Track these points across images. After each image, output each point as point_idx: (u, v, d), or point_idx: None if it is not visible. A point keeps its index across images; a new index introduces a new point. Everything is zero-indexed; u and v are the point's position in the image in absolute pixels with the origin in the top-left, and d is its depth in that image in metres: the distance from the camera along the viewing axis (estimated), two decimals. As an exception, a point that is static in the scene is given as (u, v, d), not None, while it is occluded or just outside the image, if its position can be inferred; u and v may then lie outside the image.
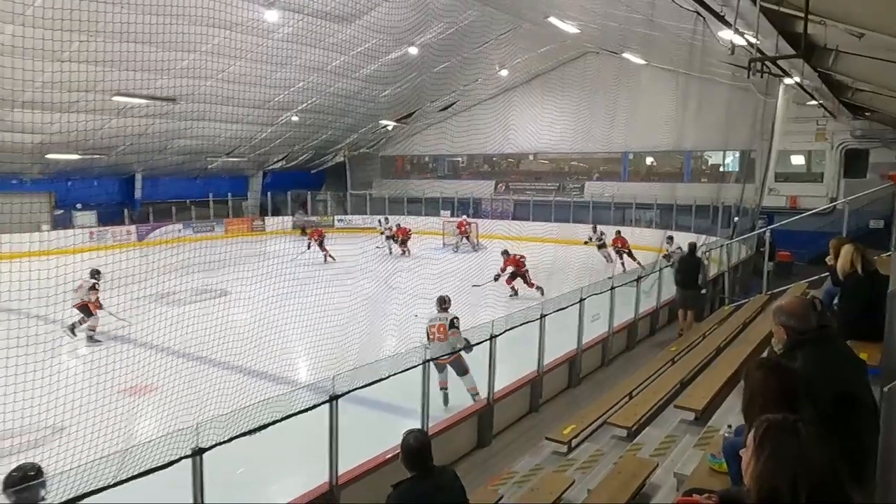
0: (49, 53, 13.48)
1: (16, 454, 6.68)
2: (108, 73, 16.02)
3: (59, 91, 17.07)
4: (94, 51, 14.95)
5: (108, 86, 17.21)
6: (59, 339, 11.77)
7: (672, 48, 16.09)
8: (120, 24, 13.36)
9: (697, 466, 4.13)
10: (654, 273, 12.22)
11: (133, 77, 16.92)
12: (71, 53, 15.23)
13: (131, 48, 15.02)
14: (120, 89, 17.75)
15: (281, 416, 4.78)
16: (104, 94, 17.83)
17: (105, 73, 15.97)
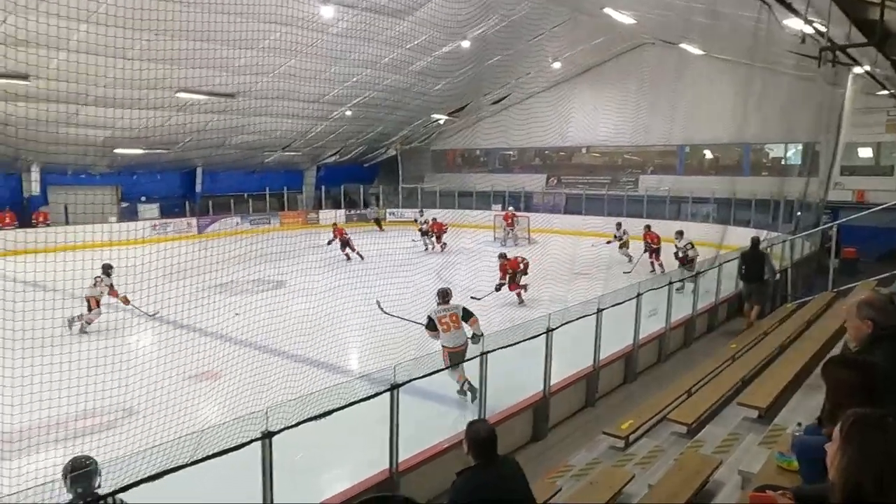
0: (118, 51, 14.08)
1: (91, 434, 7.05)
2: (172, 70, 16.60)
3: (126, 88, 17.81)
4: (159, 49, 15.53)
5: (172, 83, 17.82)
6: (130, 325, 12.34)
7: (734, 38, 15.63)
8: (183, 22, 13.78)
9: (765, 464, 4.06)
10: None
11: (195, 74, 17.43)
12: (137, 52, 15.82)
13: (193, 46, 15.51)
14: (183, 86, 18.33)
15: (344, 403, 4.89)
16: (167, 90, 18.46)
17: (169, 70, 16.55)
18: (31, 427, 6.70)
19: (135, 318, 12.56)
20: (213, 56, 16.24)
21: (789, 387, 6.19)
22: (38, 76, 15.30)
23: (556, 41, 22.13)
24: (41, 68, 14.80)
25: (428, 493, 5.53)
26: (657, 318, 10.08)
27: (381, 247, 18.93)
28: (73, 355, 7.47)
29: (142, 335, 11.69)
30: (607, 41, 23.98)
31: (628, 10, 17.03)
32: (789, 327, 9.50)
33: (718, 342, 10.69)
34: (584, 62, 26.42)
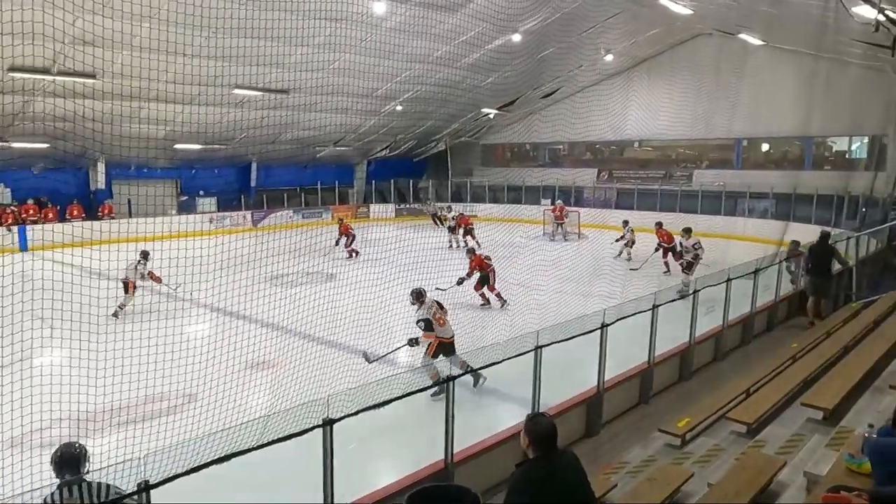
0: (178, 48, 14.52)
1: (155, 418, 7.34)
2: (228, 67, 17.01)
3: (185, 84, 18.37)
4: (215, 46, 15.95)
5: (228, 79, 18.26)
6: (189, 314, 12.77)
7: (798, 27, 15.10)
8: (239, 20, 14.12)
9: (833, 466, 3.94)
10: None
11: (250, 70, 17.86)
12: (196, 49, 16.28)
13: (249, 43, 15.87)
14: (238, 82, 18.79)
15: (401, 393, 4.96)
16: (224, 87, 18.93)
17: (225, 67, 16.97)
18: (98, 411, 7.01)
19: (193, 306, 12.97)
20: (267, 53, 16.62)
21: (856, 388, 5.97)
22: (104, 74, 15.91)
23: (609, 33, 21.76)
24: (107, 66, 15.39)
25: (481, 485, 5.55)
26: (714, 316, 9.85)
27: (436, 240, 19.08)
28: (137, 342, 7.80)
29: (201, 325, 12.06)
30: (662, 32, 23.43)
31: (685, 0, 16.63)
32: (854, 327, 9.15)
33: (778, 341, 10.38)
34: (638, 54, 25.90)
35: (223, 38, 15.82)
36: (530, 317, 9.65)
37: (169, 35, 13.72)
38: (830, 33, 12.33)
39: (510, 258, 16.91)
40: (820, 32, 12.82)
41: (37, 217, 21.15)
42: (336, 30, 17.48)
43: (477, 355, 5.93)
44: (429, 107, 26.13)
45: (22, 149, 19.54)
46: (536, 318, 8.94)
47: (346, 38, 17.97)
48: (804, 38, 15.95)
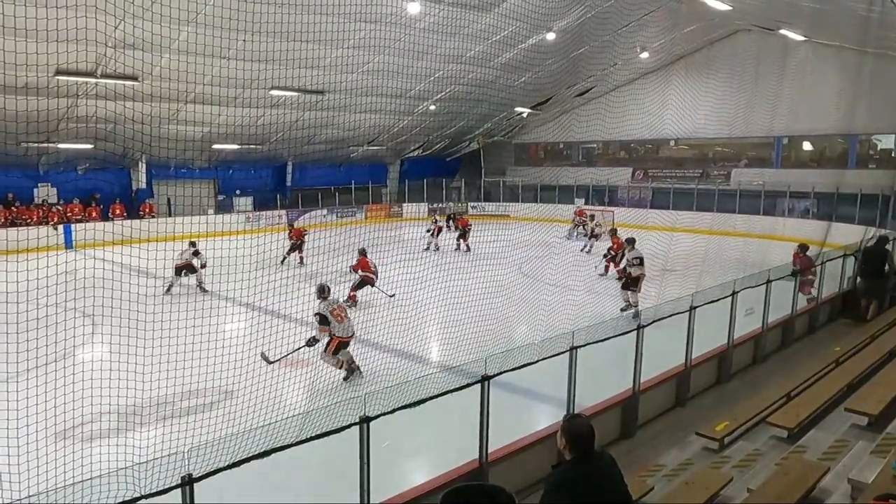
0: (217, 50, 14.82)
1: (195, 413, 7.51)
2: (266, 68, 17.26)
3: (224, 86, 18.72)
4: (253, 49, 16.22)
5: (265, 81, 18.53)
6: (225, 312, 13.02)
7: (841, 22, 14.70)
8: (276, 23, 14.33)
9: (879, 474, 3.84)
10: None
11: (286, 72, 18.09)
12: (233, 51, 16.58)
13: (286, 45, 16.09)
14: (275, 84, 19.06)
15: (436, 392, 4.99)
16: (261, 88, 19.23)
17: (263, 68, 17.23)
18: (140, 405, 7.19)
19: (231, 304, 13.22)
20: (303, 55, 16.83)
21: (903, 394, 5.81)
22: (146, 77, 16.31)
23: (644, 30, 21.48)
24: (148, 69, 15.78)
25: (515, 484, 5.55)
26: (754, 318, 9.66)
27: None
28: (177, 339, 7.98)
29: (237, 323, 12.27)
30: (699, 29, 23.01)
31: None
32: (900, 331, 8.89)
33: (820, 344, 10.14)
34: (674, 51, 25.49)
35: (261, 40, 16.09)
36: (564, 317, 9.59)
37: (208, 38, 14.00)
38: (875, 27, 11.99)
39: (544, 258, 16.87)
40: (864, 27, 12.48)
41: (81, 216, 21.78)
42: (371, 31, 17.62)
43: (512, 355, 5.91)
44: (462, 106, 26.15)
45: (68, 150, 20.15)
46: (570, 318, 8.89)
47: (381, 39, 18.08)
48: (848, 33, 15.53)
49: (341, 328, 8.72)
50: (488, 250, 17.26)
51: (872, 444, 4.79)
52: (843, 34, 16.90)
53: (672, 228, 18.05)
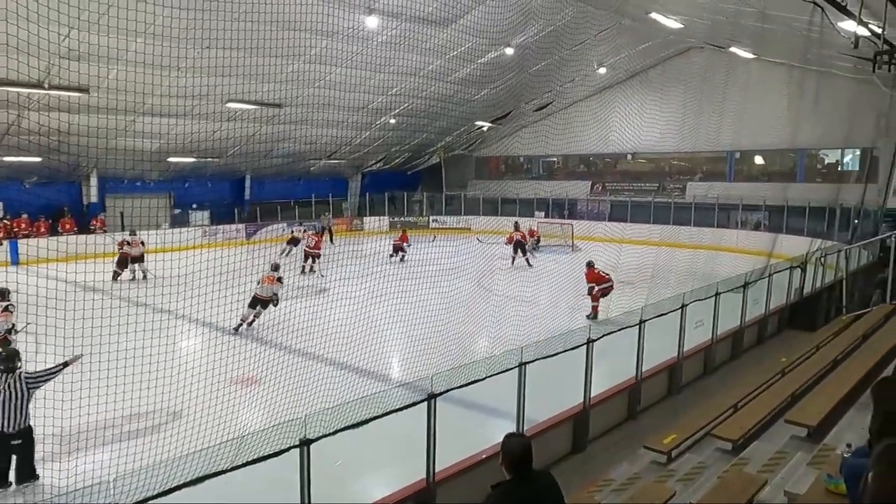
0: (171, 62, 14.57)
1: (139, 437, 7.27)
2: (222, 81, 17.03)
3: (178, 98, 18.40)
4: (208, 62, 15.99)
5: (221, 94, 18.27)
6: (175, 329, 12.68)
7: (786, 41, 15.20)
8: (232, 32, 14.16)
9: (812, 486, 3.90)
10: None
11: (243, 84, 17.88)
12: (188, 63, 16.33)
13: (242, 57, 15.92)
14: (231, 96, 18.82)
15: (382, 412, 4.92)
16: (217, 101, 18.96)
17: (219, 81, 16.99)
18: (82, 429, 6.92)
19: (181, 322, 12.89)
20: (260, 68, 16.67)
21: (841, 404, 5.94)
22: (97, 88, 15.92)
23: (600, 47, 21.87)
24: (99, 81, 15.42)
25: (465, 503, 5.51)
26: (703, 330, 9.83)
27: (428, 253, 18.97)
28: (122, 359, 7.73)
29: (187, 340, 11.99)
30: (653, 46, 23.56)
31: (675, 14, 16.72)
32: (843, 341, 9.13)
33: (768, 355, 10.37)
34: (630, 67, 26.03)
35: (216, 52, 15.88)
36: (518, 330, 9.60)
37: (162, 49, 13.75)
38: (816, 47, 12.42)
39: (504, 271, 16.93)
40: (807, 46, 12.92)
41: (28, 231, 21.08)
42: (328, 44, 17.56)
43: (461, 371, 5.87)
44: (422, 120, 26.22)
45: (14, 162, 19.51)
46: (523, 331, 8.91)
47: (339, 53, 18.04)
48: (792, 51, 16.05)
49: (261, 288, 12.61)
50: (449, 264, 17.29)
51: (809, 456, 4.88)
52: (788, 52, 17.48)
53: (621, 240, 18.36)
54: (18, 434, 6.24)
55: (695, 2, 14.51)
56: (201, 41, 15.07)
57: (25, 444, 6.32)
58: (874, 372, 6.93)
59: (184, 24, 13.59)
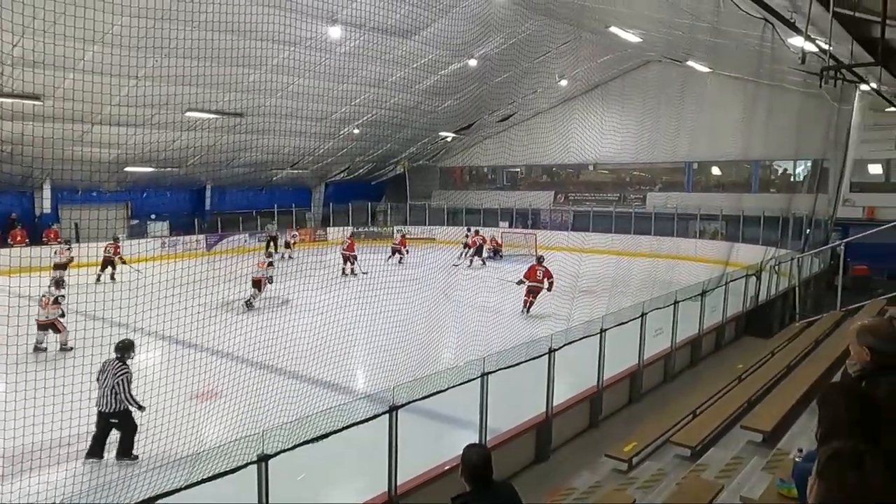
0: (128, 70, 14.28)
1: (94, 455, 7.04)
2: (181, 89, 16.77)
3: (136, 107, 18.02)
4: (167, 70, 15.73)
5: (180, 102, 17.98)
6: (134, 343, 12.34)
7: (739, 56, 15.66)
8: (191, 41, 13.98)
9: (766, 491, 3.99)
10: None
11: (203, 93, 17.65)
12: (146, 71, 16.04)
13: (202, 65, 15.71)
14: (191, 105, 18.54)
15: (342, 425, 4.86)
16: (177, 109, 18.65)
17: (178, 89, 16.72)
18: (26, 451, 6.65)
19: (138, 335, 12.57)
20: (220, 77, 16.46)
21: (794, 409, 6.10)
22: (50, 96, 15.52)
23: (562, 59, 22.22)
24: (52, 88, 15.03)
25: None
26: (663, 338, 10.00)
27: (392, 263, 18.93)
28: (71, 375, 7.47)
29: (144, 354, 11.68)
30: (614, 59, 24.06)
31: (634, 28, 17.09)
32: (797, 347, 9.39)
33: (726, 361, 10.59)
34: (591, 80, 26.50)
35: (175, 61, 15.63)
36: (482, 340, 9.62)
37: (117, 58, 13.47)
38: (768, 62, 12.83)
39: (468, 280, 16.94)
40: (759, 61, 13.33)
41: (-23, 243, 20.35)
42: (291, 54, 17.44)
43: (422, 383, 5.85)
44: (386, 130, 26.19)
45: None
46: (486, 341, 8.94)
47: (302, 62, 17.93)
48: (746, 66, 16.54)
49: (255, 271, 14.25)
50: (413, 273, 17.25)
51: (764, 461, 4.99)
52: (741, 67, 18.00)
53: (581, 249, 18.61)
54: (115, 415, 7.05)
55: (652, 17, 14.84)
56: (160, 49, 14.83)
57: (122, 426, 7.12)
58: (825, 377, 7.14)
59: (141, 32, 13.37)
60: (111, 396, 6.98)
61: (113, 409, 7.01)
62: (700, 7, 11.29)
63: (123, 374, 7.11)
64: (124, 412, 7.06)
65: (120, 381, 7.03)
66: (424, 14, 16.55)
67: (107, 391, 7.02)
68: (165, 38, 13.79)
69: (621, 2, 14.35)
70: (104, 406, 7.03)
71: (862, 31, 7.43)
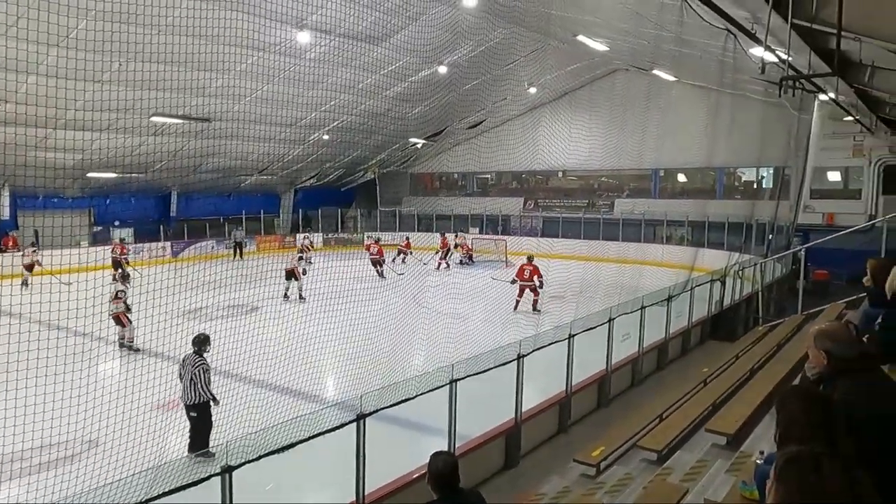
0: (90, 74, 13.97)
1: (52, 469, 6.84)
2: (145, 94, 16.49)
3: (99, 111, 17.63)
4: (133, 71, 15.46)
5: (145, 104, 17.67)
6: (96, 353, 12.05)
7: (703, 65, 15.97)
8: (156, 45, 13.76)
9: (729, 493, 4.04)
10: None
11: (169, 98, 17.37)
12: (110, 75, 15.73)
13: (167, 70, 15.46)
14: (156, 109, 18.24)
15: (308, 435, 4.81)
16: (141, 114, 18.33)
17: (142, 94, 16.44)
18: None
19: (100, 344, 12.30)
20: (186, 80, 16.22)
21: (757, 412, 6.20)
22: (8, 100, 15.12)
23: (531, 67, 22.40)
24: (10, 93, 14.66)
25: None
26: (630, 343, 10.10)
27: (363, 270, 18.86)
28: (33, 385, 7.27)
29: (107, 363, 11.44)
30: (582, 67, 24.34)
31: (601, 37, 17.33)
32: (760, 350, 9.57)
33: (692, 365, 10.75)
34: (560, 87, 26.77)
35: (140, 65, 15.37)
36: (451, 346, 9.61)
37: (80, 62, 13.17)
38: (731, 72, 13.10)
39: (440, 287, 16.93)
40: (722, 70, 13.62)
41: (-69, 250, 19.73)
42: (259, 59, 17.28)
43: (392, 390, 5.82)
44: (356, 136, 26.11)
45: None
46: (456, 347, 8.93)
47: (270, 67, 17.78)
48: (709, 75, 16.87)
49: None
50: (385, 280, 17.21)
51: (728, 464, 5.07)
52: (705, 76, 18.35)
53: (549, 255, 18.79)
54: (194, 407, 7.20)
55: (618, 26, 15.06)
56: (124, 53, 14.54)
57: (200, 418, 7.20)
58: (787, 380, 7.29)
59: (105, 35, 13.07)
60: (191, 389, 7.19)
61: (193, 402, 7.21)
62: (664, 17, 11.49)
63: (200, 365, 7.33)
64: (204, 404, 7.26)
65: (198, 371, 7.24)
66: (394, 21, 16.56)
67: (187, 384, 7.25)
68: (129, 42, 13.48)
69: (587, 11, 14.54)
70: (186, 399, 7.25)
71: (819, 43, 7.63)
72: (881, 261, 5.50)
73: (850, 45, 7.36)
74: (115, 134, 19.60)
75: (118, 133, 19.53)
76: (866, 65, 8.77)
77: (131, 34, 13.46)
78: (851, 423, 2.47)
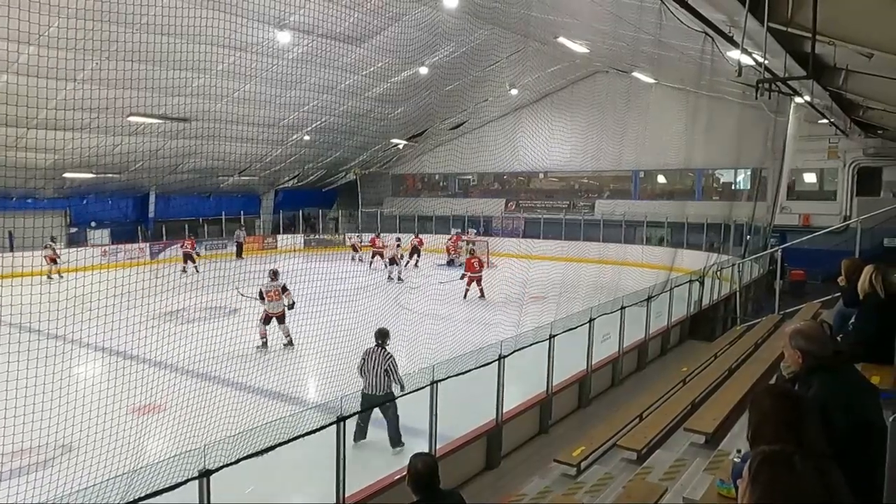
0: (65, 73, 13.75)
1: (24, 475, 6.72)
2: (122, 93, 16.27)
3: (75, 111, 17.38)
4: (109, 69, 15.24)
5: (123, 103, 17.44)
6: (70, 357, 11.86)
7: (681, 67, 16.14)
8: (134, 44, 13.59)
9: (706, 492, 4.07)
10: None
11: (147, 97, 17.16)
12: (86, 73, 15.50)
13: (145, 69, 15.26)
14: (134, 109, 18.00)
15: (287, 437, 4.77)
16: (118, 114, 18.08)
17: (119, 93, 16.21)
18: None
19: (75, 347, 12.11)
20: (165, 79, 16.04)
21: (735, 411, 6.26)
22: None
23: (512, 68, 22.47)
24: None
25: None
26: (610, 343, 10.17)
27: (345, 271, 18.71)
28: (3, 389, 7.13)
29: (83, 366, 11.26)
30: (563, 69, 24.47)
31: (581, 39, 17.44)
32: (738, 350, 9.67)
33: (671, 365, 10.84)
34: (541, 89, 26.87)
35: (117, 63, 15.15)
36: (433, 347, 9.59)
37: (56, 60, 12.96)
38: (708, 74, 13.26)
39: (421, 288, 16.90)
40: (700, 73, 13.77)
41: None
42: (239, 59, 17.14)
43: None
44: (337, 137, 26.00)
45: None
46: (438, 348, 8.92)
47: (250, 68, 17.65)
48: (688, 77, 17.06)
49: (269, 305, 12.14)
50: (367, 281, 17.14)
51: (706, 462, 5.11)
52: (684, 78, 18.56)
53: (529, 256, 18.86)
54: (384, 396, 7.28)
55: (598, 28, 15.16)
56: (101, 52, 14.35)
57: (390, 409, 7.31)
58: (764, 378, 7.37)
59: (80, 33, 12.90)
60: (383, 378, 7.26)
61: (384, 392, 7.28)
62: (643, 20, 11.59)
63: (391, 357, 7.43)
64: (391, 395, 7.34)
65: (391, 364, 7.33)
66: (375, 21, 16.51)
67: (379, 375, 7.30)
68: (106, 41, 13.31)
69: (567, 13, 14.62)
70: (377, 389, 7.28)
71: (794, 46, 7.74)
72: (855, 261, 5.60)
73: (824, 48, 7.47)
74: (92, 133, 19.31)
75: (94, 133, 19.25)
76: (840, 68, 8.90)
77: (107, 32, 13.27)
78: (825, 421, 2.50)
